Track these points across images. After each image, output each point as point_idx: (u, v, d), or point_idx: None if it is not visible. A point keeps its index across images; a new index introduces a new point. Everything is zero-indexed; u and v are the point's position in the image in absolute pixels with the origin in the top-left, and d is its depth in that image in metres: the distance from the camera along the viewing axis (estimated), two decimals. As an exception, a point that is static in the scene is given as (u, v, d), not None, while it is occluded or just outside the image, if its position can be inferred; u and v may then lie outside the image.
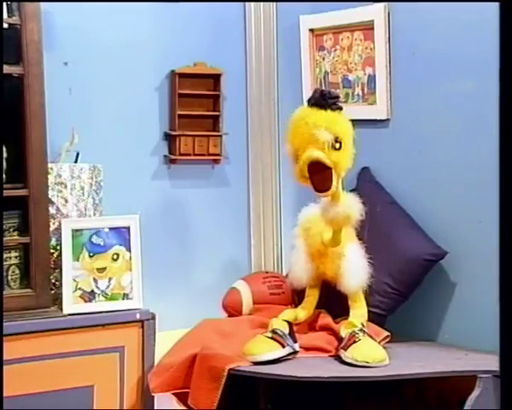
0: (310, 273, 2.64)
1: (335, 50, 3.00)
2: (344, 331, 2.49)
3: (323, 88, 2.47)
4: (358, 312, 2.56)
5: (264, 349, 2.41)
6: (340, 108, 2.41)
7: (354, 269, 2.55)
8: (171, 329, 2.82)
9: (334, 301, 2.64)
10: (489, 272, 2.22)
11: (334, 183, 2.37)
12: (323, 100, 2.38)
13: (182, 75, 3.07)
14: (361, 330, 2.46)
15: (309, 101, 2.42)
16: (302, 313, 2.65)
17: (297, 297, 2.84)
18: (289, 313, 2.61)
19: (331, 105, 2.38)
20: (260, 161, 3.29)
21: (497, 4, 1.63)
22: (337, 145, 2.36)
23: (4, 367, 2.20)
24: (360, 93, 2.91)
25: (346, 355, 2.39)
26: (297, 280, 2.67)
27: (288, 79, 3.22)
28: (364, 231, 2.63)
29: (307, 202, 2.70)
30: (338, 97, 2.43)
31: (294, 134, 2.42)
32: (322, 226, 2.57)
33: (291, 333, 2.49)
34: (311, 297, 2.68)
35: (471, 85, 2.56)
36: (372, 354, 2.36)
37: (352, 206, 2.45)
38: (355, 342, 2.41)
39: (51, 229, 2.59)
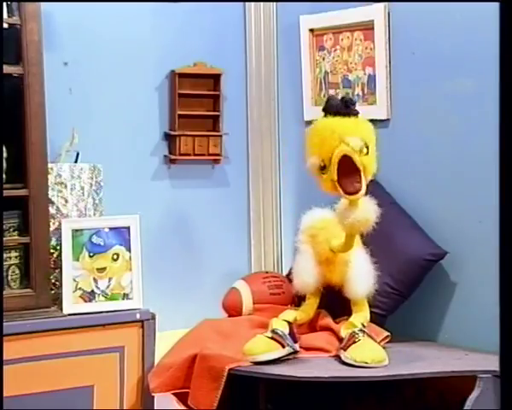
0: (317, 280, 2.62)
1: (335, 50, 2.99)
2: (344, 332, 2.49)
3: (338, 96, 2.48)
4: (360, 313, 2.56)
5: (264, 349, 2.41)
6: (358, 113, 2.41)
7: (361, 276, 2.54)
8: (171, 329, 2.82)
9: (335, 301, 2.64)
10: (489, 272, 2.22)
11: (364, 185, 2.35)
12: (347, 108, 2.38)
13: (182, 75, 3.07)
14: (361, 330, 2.45)
15: (329, 109, 2.40)
16: (302, 315, 2.65)
17: (297, 298, 2.84)
18: (289, 313, 2.60)
19: (353, 111, 2.39)
20: (260, 161, 3.29)
21: (497, 4, 1.63)
22: (365, 150, 2.36)
23: (4, 367, 2.20)
24: (360, 93, 2.91)
25: (346, 356, 2.39)
26: (304, 286, 2.63)
27: (288, 79, 3.22)
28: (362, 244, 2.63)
29: (307, 203, 2.70)
30: (356, 102, 2.44)
31: (322, 145, 2.38)
32: (329, 233, 2.56)
33: (291, 333, 2.49)
34: (312, 300, 2.67)
35: (471, 85, 2.56)
36: (371, 355, 2.36)
37: (370, 210, 2.40)
38: (355, 342, 2.41)
39: (51, 229, 2.59)
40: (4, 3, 2.45)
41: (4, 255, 2.51)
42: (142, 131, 3.05)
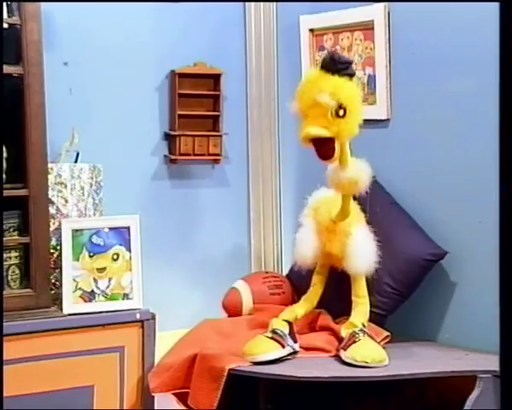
0: (316, 251, 2.59)
1: (335, 50, 2.99)
2: (344, 331, 2.49)
3: (338, 52, 2.47)
4: (360, 310, 2.55)
5: (264, 349, 2.41)
6: (350, 75, 2.36)
7: (361, 250, 2.52)
8: (171, 329, 2.82)
9: (336, 297, 2.64)
10: (489, 272, 2.22)
11: (337, 151, 2.35)
12: (333, 64, 2.34)
13: (182, 75, 3.07)
14: (361, 330, 2.45)
15: (321, 63, 2.38)
16: (305, 305, 2.63)
17: (297, 297, 2.84)
18: (289, 313, 2.60)
19: (340, 70, 2.34)
20: (260, 161, 3.29)
21: (497, 4, 1.64)
22: (341, 112, 2.32)
23: (4, 367, 2.20)
24: (360, 93, 2.91)
25: (346, 355, 2.39)
26: (302, 257, 2.61)
27: (288, 79, 3.22)
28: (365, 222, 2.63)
29: (309, 194, 2.71)
30: (349, 63, 2.38)
31: (301, 96, 2.39)
32: (331, 204, 2.55)
33: (291, 333, 2.49)
34: (317, 286, 2.64)
35: (471, 85, 2.56)
36: (371, 355, 2.36)
37: (360, 171, 2.41)
38: (355, 342, 2.41)
39: (51, 229, 2.59)
40: (4, 3, 2.45)
41: (4, 255, 2.51)
42: (142, 131, 3.05)
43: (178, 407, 2.56)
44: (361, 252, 2.52)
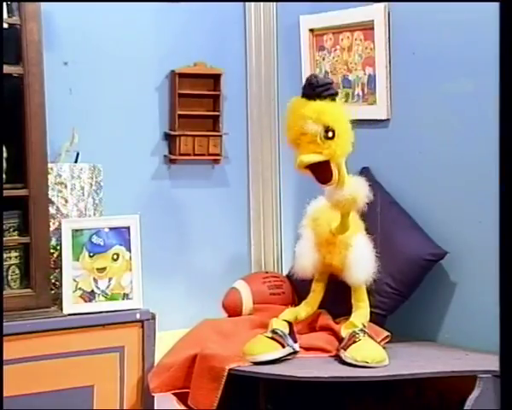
0: (316, 263, 2.60)
1: (335, 50, 2.99)
2: (344, 331, 2.49)
3: (316, 75, 2.48)
4: (361, 312, 2.56)
5: (264, 349, 2.41)
6: (332, 95, 2.36)
7: (361, 261, 2.53)
8: (171, 329, 2.82)
9: (337, 299, 2.64)
10: (489, 272, 2.23)
11: (335, 172, 2.37)
12: (311, 90, 2.36)
13: (182, 75, 3.07)
14: (361, 330, 2.46)
15: (302, 91, 2.40)
16: (305, 309, 2.64)
17: (297, 297, 2.84)
18: (289, 313, 2.60)
19: (319, 94, 2.35)
20: (260, 161, 3.29)
21: (497, 4, 1.64)
22: (330, 134, 2.34)
23: (4, 367, 2.20)
24: (360, 93, 2.91)
25: (346, 355, 2.39)
26: (302, 269, 2.63)
27: (288, 79, 3.22)
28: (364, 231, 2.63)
29: (307, 202, 2.71)
30: (328, 84, 2.38)
31: (289, 126, 2.42)
32: (330, 216, 2.56)
33: (291, 333, 2.49)
34: (316, 292, 2.66)
35: (471, 85, 2.56)
36: (371, 355, 2.36)
37: (357, 189, 2.43)
38: (355, 342, 2.41)
39: (51, 229, 2.59)
40: (4, 3, 2.45)
41: (4, 255, 2.51)
42: (142, 131, 3.05)
43: (178, 407, 2.56)
44: (361, 263, 2.54)
